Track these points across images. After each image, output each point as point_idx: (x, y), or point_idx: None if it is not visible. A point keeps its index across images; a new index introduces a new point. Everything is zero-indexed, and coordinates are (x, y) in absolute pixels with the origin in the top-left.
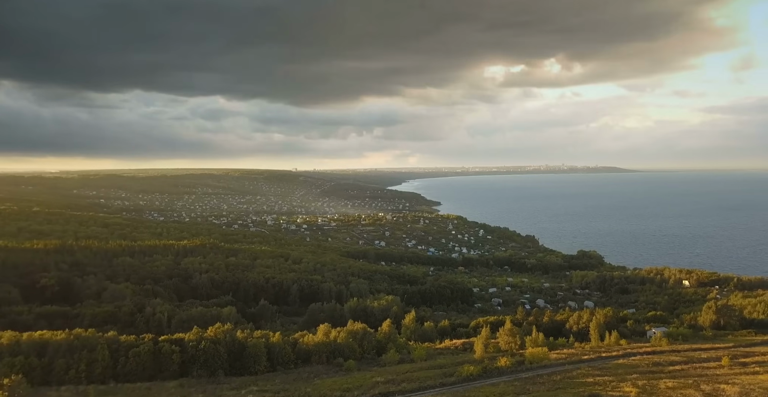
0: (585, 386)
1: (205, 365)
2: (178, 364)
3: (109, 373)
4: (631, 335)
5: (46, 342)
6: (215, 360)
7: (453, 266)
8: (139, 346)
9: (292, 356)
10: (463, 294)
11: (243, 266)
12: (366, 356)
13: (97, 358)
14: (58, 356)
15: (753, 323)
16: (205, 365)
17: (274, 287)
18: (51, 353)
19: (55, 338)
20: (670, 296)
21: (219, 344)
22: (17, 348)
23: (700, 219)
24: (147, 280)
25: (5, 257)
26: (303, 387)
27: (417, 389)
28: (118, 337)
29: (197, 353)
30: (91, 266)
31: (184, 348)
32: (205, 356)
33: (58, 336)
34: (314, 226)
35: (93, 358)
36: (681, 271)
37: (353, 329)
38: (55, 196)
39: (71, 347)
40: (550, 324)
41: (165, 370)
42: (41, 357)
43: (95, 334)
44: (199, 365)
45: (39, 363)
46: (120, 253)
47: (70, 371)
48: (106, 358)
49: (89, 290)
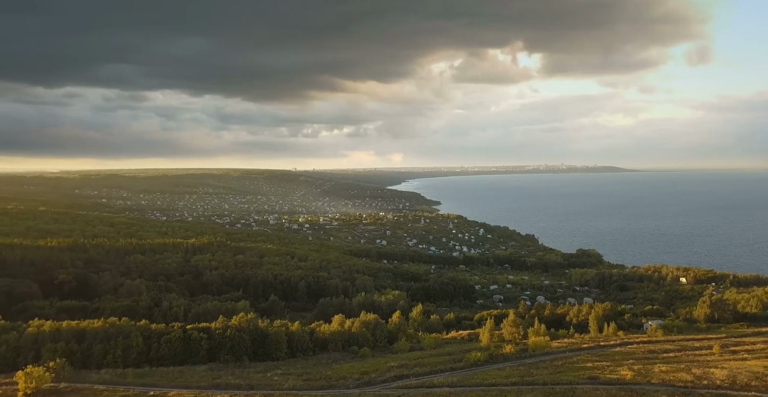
0: (584, 370)
1: (231, 351)
2: (206, 350)
3: (144, 358)
4: (628, 327)
5: (84, 330)
6: (240, 347)
7: (454, 264)
8: (170, 333)
9: (310, 344)
10: (465, 291)
11: (251, 263)
12: (378, 345)
13: (132, 344)
14: (96, 342)
15: (746, 317)
16: (231, 351)
17: (282, 284)
18: (89, 339)
19: (92, 326)
20: (667, 292)
21: (243, 332)
22: (58, 335)
23: (699, 218)
24: (159, 276)
25: (23, 255)
26: (323, 371)
27: (429, 372)
28: (150, 325)
29: (224, 340)
30: (104, 263)
31: (211, 336)
32: (231, 343)
33: (95, 324)
34: (316, 225)
35: (128, 344)
36: (678, 268)
37: (366, 319)
38: (57, 196)
39: (107, 334)
40: (551, 317)
41: (194, 355)
42: (80, 343)
43: (129, 322)
44: (225, 350)
45: (79, 349)
46: (131, 250)
47: (108, 355)
48: (140, 344)
49: (106, 286)
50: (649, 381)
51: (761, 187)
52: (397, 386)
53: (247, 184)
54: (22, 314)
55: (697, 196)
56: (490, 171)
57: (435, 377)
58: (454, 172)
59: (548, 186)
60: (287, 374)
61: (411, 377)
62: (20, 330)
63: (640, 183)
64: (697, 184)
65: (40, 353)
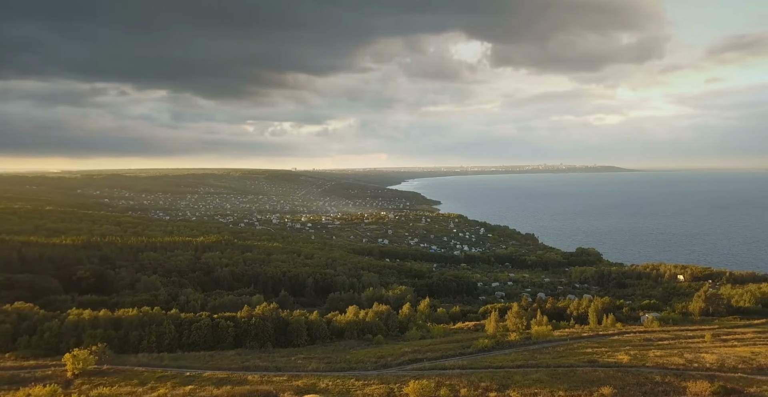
0: (584, 355)
1: (256, 337)
2: (233, 336)
3: (176, 343)
4: (626, 319)
5: (120, 318)
6: (264, 333)
7: (455, 262)
8: (199, 321)
9: (327, 332)
10: (467, 287)
11: (259, 260)
12: (391, 333)
13: (165, 331)
14: (132, 329)
15: (739, 311)
16: (256, 337)
17: (291, 280)
18: (125, 326)
19: (127, 315)
20: (664, 289)
21: (267, 320)
22: (96, 323)
23: (697, 218)
24: (173, 273)
25: (41, 252)
26: (342, 355)
27: (440, 357)
28: (180, 314)
29: (249, 328)
30: (119, 260)
31: (237, 323)
32: (255, 330)
33: (130, 313)
34: (318, 224)
35: (161, 331)
36: (676, 266)
37: (379, 310)
38: (60, 195)
39: (142, 321)
40: (553, 310)
41: (222, 341)
42: (117, 330)
43: (161, 311)
44: (251, 337)
45: (116, 335)
46: (143, 248)
47: (143, 341)
48: (173, 331)
49: (122, 282)
50: (644, 364)
51: (760, 187)
52: (411, 368)
53: (248, 184)
54: (46, 308)
55: (695, 195)
56: (489, 171)
57: (446, 361)
58: (453, 172)
59: (548, 186)
60: (309, 358)
61: (424, 361)
62: (61, 318)
63: (639, 183)
64: (696, 184)
65: (81, 339)
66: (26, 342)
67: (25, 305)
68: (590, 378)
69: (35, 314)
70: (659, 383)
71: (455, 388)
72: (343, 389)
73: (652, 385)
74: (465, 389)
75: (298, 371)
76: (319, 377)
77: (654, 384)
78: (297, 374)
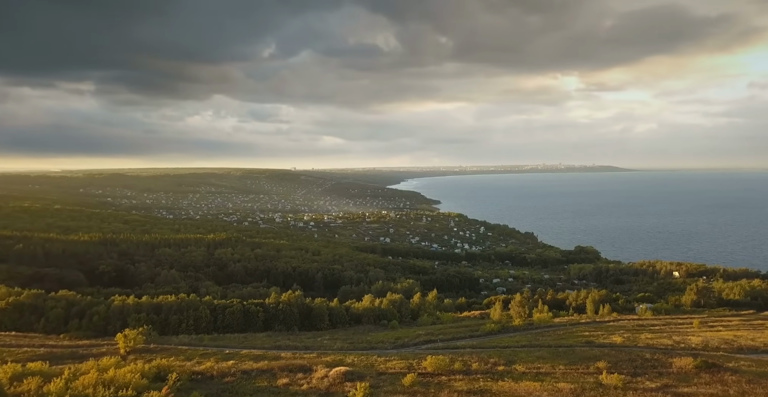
0: (582, 337)
1: (283, 321)
2: (262, 320)
3: (211, 326)
4: (621, 310)
5: (160, 304)
6: (291, 318)
7: (456, 260)
8: (231, 306)
9: (346, 318)
10: (470, 283)
11: (270, 256)
12: (404, 320)
13: (201, 315)
14: (171, 313)
15: (729, 303)
16: (284, 321)
17: (301, 275)
18: (165, 311)
19: (167, 301)
20: (660, 284)
21: (293, 306)
22: (139, 307)
23: (696, 217)
24: (189, 268)
25: (65, 248)
26: (363, 337)
27: (452, 338)
28: (213, 300)
29: (277, 313)
30: (137, 255)
31: (266, 309)
32: (283, 315)
33: (169, 299)
34: (321, 223)
35: (198, 315)
36: (672, 263)
37: (393, 298)
38: (64, 194)
39: (180, 307)
40: (553, 301)
41: (252, 325)
42: (158, 314)
43: (196, 298)
44: (279, 321)
45: (157, 319)
46: (158, 245)
47: (182, 324)
48: (208, 315)
49: (143, 276)
50: (635, 345)
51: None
52: (426, 347)
53: (248, 184)
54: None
55: (694, 195)
56: (488, 171)
57: (458, 342)
58: (452, 171)
59: (546, 185)
60: (334, 339)
61: (438, 341)
62: (108, 303)
63: (637, 182)
64: (695, 183)
65: (126, 322)
66: (77, 325)
67: (69, 292)
68: (587, 355)
69: (83, 300)
70: (648, 359)
71: (467, 363)
72: (368, 363)
73: (642, 360)
74: (476, 364)
75: (325, 349)
76: (345, 355)
77: (644, 360)
78: (325, 352)
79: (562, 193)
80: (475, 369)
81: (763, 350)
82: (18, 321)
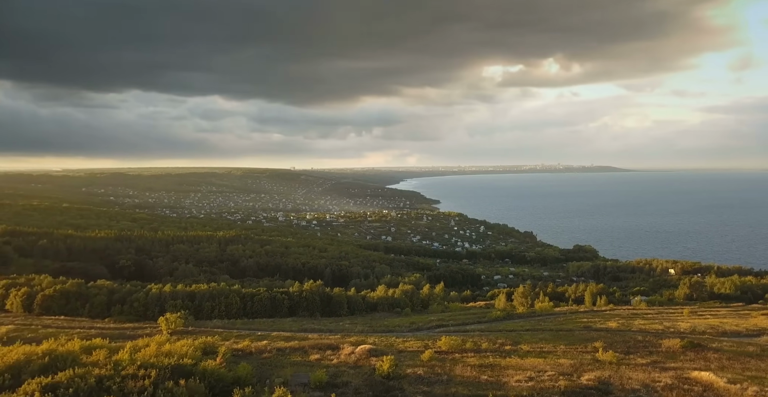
0: (581, 323)
1: (306, 308)
2: (287, 307)
3: (241, 312)
4: (617, 302)
5: (193, 291)
6: (313, 305)
7: (457, 258)
8: (259, 294)
9: (363, 306)
10: (472, 279)
11: (279, 253)
12: (416, 308)
13: (232, 302)
14: (204, 300)
15: (720, 297)
16: (307, 308)
17: (310, 270)
18: (198, 298)
19: (199, 289)
20: (655, 281)
21: (315, 294)
22: (175, 295)
23: (694, 216)
24: (203, 263)
25: (85, 244)
26: (380, 322)
27: (461, 323)
28: (241, 289)
29: (300, 300)
30: (153, 251)
31: (291, 296)
32: (306, 302)
33: (202, 287)
34: (323, 222)
35: (229, 302)
36: (668, 261)
37: (405, 289)
38: (68, 193)
39: (212, 294)
40: (553, 293)
41: (279, 311)
42: (192, 301)
43: (226, 286)
44: (302, 308)
45: (192, 305)
46: (172, 241)
47: (214, 310)
48: (238, 302)
49: (161, 270)
50: (629, 329)
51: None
52: (439, 331)
53: (249, 183)
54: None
55: (693, 195)
56: (487, 171)
57: (467, 326)
58: (451, 171)
59: (545, 185)
60: (354, 324)
61: (449, 325)
62: (146, 291)
63: (635, 183)
64: (694, 183)
65: (164, 308)
66: (119, 310)
67: (107, 282)
68: (585, 337)
69: (123, 288)
70: (640, 340)
71: (477, 343)
72: (388, 343)
73: (634, 342)
74: (485, 344)
75: (348, 332)
76: (366, 336)
77: (636, 341)
78: (347, 334)
79: (561, 193)
80: (485, 348)
81: (745, 335)
82: (65, 307)
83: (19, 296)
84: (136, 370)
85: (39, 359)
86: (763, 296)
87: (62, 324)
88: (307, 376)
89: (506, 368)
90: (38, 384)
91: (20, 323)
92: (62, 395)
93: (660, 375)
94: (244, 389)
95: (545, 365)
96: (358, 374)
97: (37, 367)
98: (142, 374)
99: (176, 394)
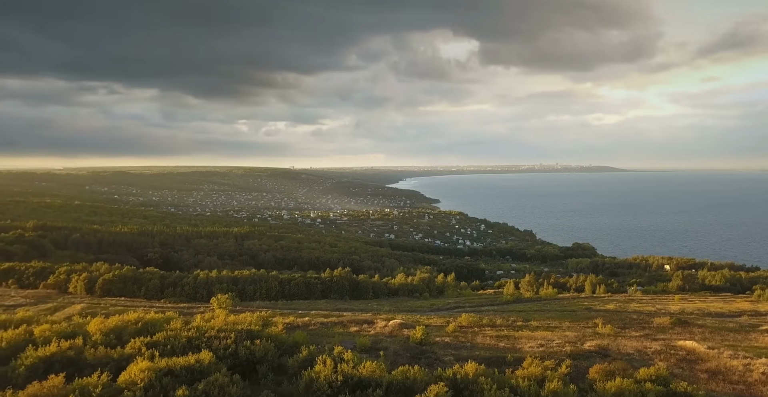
0: (582, 305)
1: (337, 292)
2: (320, 291)
3: (280, 295)
4: (615, 291)
5: (236, 277)
6: (343, 288)
7: (460, 255)
8: (295, 279)
9: (386, 290)
10: (476, 273)
11: (293, 248)
12: (432, 294)
13: (272, 286)
14: (246, 284)
15: (710, 288)
16: (338, 292)
17: (324, 264)
18: (242, 283)
19: (241, 275)
20: (651, 275)
21: (344, 279)
22: (221, 279)
23: (690, 216)
24: (224, 256)
25: (114, 238)
26: (404, 303)
27: (476, 305)
28: (279, 274)
29: (332, 284)
30: (176, 245)
31: (323, 281)
32: (337, 286)
33: (244, 273)
34: (327, 220)
35: (269, 286)
36: (664, 258)
37: (422, 276)
38: (73, 192)
39: (253, 279)
40: (555, 283)
41: (313, 294)
42: (236, 285)
43: (265, 272)
44: (333, 291)
45: (236, 289)
46: (192, 236)
47: (256, 293)
48: (276, 286)
49: (187, 262)
50: (625, 310)
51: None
52: (457, 311)
53: (250, 182)
54: None
55: (691, 195)
56: (486, 170)
57: (482, 308)
58: (450, 171)
59: (544, 185)
60: (381, 305)
61: (466, 306)
62: (194, 275)
63: (634, 182)
64: (693, 184)
65: (211, 291)
66: (171, 293)
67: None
68: (587, 316)
69: (172, 274)
70: (635, 318)
71: (492, 320)
72: (414, 320)
73: (629, 319)
74: (500, 320)
75: (377, 311)
76: (394, 314)
77: (631, 319)
78: (377, 313)
79: (560, 192)
80: (500, 324)
81: (727, 315)
82: (123, 289)
83: (81, 280)
84: (217, 333)
85: (132, 325)
86: (751, 287)
87: (125, 303)
88: (353, 342)
89: (520, 338)
90: (141, 342)
91: (89, 302)
92: (162, 350)
93: (651, 344)
94: (309, 347)
95: (553, 336)
96: (394, 341)
97: (133, 330)
98: (224, 336)
99: (254, 350)
